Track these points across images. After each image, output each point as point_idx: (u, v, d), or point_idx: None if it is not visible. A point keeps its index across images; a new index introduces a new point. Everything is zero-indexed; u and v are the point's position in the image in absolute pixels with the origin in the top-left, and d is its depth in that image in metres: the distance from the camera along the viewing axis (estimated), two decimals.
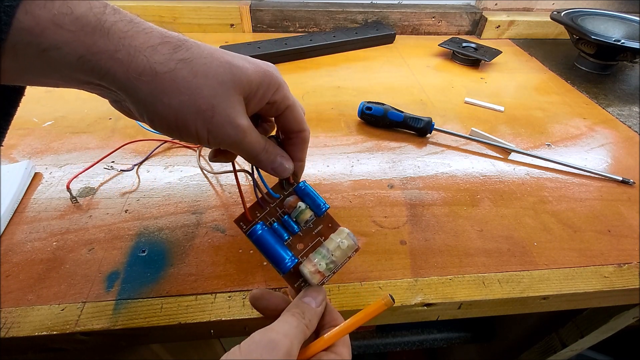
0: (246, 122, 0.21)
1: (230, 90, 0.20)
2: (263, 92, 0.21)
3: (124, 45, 0.17)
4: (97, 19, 0.17)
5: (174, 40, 0.19)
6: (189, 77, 0.19)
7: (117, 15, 0.18)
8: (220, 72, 0.19)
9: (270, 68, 0.22)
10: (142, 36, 0.18)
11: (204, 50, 0.19)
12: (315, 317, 0.22)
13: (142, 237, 0.31)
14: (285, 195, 0.26)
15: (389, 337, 0.73)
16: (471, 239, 0.33)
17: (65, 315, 0.25)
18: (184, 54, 0.19)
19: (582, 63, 0.66)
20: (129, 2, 0.65)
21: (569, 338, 0.51)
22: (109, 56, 0.17)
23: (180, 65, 0.19)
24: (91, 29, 0.16)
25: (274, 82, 0.22)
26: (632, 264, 0.32)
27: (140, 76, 0.18)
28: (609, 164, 0.44)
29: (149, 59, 0.18)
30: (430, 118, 0.45)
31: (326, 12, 0.70)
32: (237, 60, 0.20)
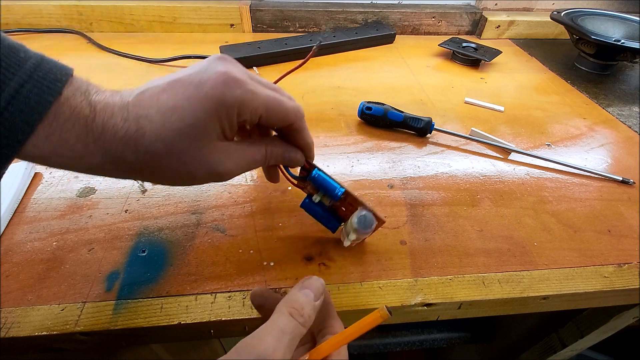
0: (227, 166, 0.22)
1: (194, 143, 0.20)
2: (227, 121, 0.21)
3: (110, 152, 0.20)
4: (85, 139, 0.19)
5: (131, 130, 0.19)
6: (153, 159, 0.20)
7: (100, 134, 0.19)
8: (176, 139, 0.20)
9: (217, 92, 0.20)
10: (110, 136, 0.19)
11: (154, 118, 0.19)
12: (314, 313, 0.21)
13: (142, 237, 0.31)
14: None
15: (389, 337, 0.73)
16: (471, 239, 0.33)
17: (65, 315, 0.25)
18: (138, 141, 0.19)
19: (582, 63, 0.66)
20: (129, 2, 0.65)
21: (569, 338, 0.51)
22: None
23: (142, 155, 0.20)
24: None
25: (230, 106, 0.20)
26: (632, 264, 0.32)
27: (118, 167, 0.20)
28: (609, 164, 0.44)
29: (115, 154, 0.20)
30: (430, 118, 0.45)
31: (326, 12, 0.70)
32: (184, 111, 0.20)
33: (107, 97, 0.20)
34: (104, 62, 0.58)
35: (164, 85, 0.20)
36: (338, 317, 0.24)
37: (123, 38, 0.65)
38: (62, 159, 0.19)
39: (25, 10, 0.64)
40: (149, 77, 0.55)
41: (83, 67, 0.56)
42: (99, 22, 0.66)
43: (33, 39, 0.63)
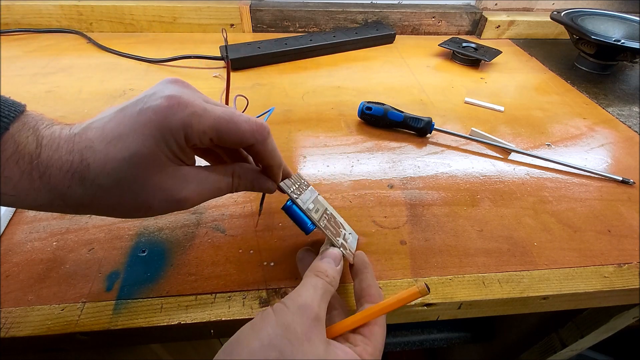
0: (185, 193, 0.21)
1: (143, 171, 0.20)
2: (176, 145, 0.20)
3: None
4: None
5: (75, 162, 0.19)
6: (102, 191, 0.19)
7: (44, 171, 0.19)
8: (123, 168, 0.19)
9: (159, 117, 0.19)
10: (56, 173, 0.19)
11: (98, 148, 0.19)
12: (337, 275, 0.24)
13: (142, 237, 0.31)
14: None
15: (389, 337, 0.73)
16: (471, 239, 0.33)
17: (65, 315, 0.25)
18: (84, 174, 0.19)
19: (582, 63, 0.66)
20: (129, 2, 0.65)
21: (569, 338, 0.51)
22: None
23: (90, 189, 0.19)
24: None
25: (175, 129, 0.19)
26: (632, 264, 0.32)
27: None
28: (609, 164, 0.44)
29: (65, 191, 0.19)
30: (430, 118, 0.45)
31: (326, 12, 0.70)
32: (128, 138, 0.19)
33: (55, 131, 0.19)
34: (104, 62, 0.58)
35: (111, 114, 0.20)
36: (377, 285, 0.26)
37: (123, 38, 0.65)
38: (9, 198, 0.18)
39: (25, 10, 0.64)
40: (149, 77, 0.55)
41: (83, 67, 0.56)
42: (99, 22, 0.66)
43: (33, 39, 0.63)
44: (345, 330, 0.23)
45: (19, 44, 0.62)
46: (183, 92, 0.20)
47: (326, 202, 0.31)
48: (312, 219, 0.26)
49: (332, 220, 0.29)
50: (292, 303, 0.21)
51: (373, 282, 0.26)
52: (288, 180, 0.27)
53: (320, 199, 0.30)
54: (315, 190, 0.31)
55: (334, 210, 0.31)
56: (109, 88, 0.51)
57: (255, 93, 0.52)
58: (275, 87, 0.54)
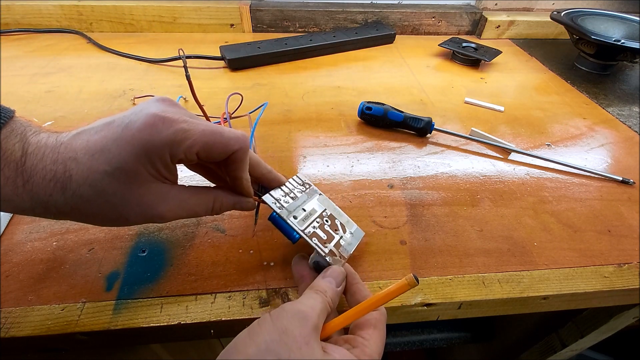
0: (162, 210, 0.22)
1: (123, 186, 0.20)
2: (160, 163, 0.21)
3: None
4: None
5: (59, 172, 0.19)
6: (82, 202, 0.20)
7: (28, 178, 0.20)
8: (104, 181, 0.20)
9: (144, 135, 0.20)
10: (39, 182, 0.20)
11: (82, 160, 0.20)
12: (337, 297, 0.24)
13: (142, 237, 0.31)
14: None
15: (389, 337, 0.73)
16: (471, 239, 0.33)
17: (65, 315, 0.25)
18: (65, 184, 0.20)
19: (582, 63, 0.66)
20: (129, 2, 0.65)
21: (569, 338, 0.51)
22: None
23: (70, 199, 0.20)
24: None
25: (160, 147, 0.20)
26: (632, 264, 0.32)
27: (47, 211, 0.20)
28: (609, 164, 0.44)
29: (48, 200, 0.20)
30: (430, 118, 0.45)
31: (326, 12, 0.70)
32: (110, 153, 0.20)
33: (41, 139, 0.20)
34: (104, 62, 0.58)
35: (98, 127, 0.20)
36: (366, 287, 0.26)
37: (123, 38, 0.65)
38: None
39: (25, 10, 0.64)
40: (148, 77, 0.55)
41: (83, 67, 0.56)
42: (99, 22, 0.66)
43: (33, 39, 0.63)
44: (339, 327, 0.23)
45: (19, 44, 0.62)
46: (168, 110, 0.21)
47: (328, 202, 0.31)
48: (296, 229, 0.26)
49: (327, 223, 0.28)
50: (291, 308, 0.21)
51: (367, 292, 0.25)
52: (276, 191, 0.28)
53: (320, 200, 0.30)
54: (317, 191, 0.31)
55: (336, 209, 0.31)
56: (109, 88, 0.51)
57: (255, 93, 0.52)
58: (275, 87, 0.54)
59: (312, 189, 0.31)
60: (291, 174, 0.38)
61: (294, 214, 0.27)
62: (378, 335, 0.23)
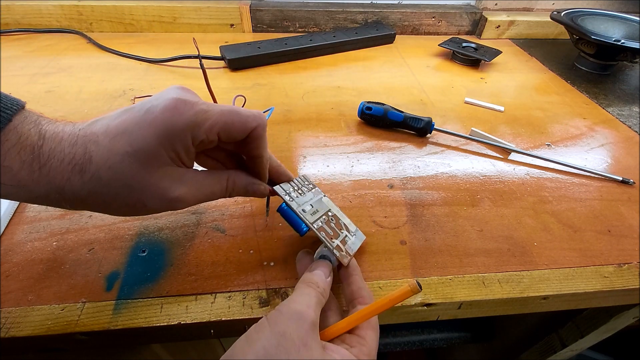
0: (180, 193, 0.22)
1: (143, 168, 0.20)
2: (181, 145, 0.21)
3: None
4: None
5: (78, 154, 0.19)
6: (101, 185, 0.20)
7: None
8: (124, 163, 0.20)
9: (166, 117, 0.20)
10: (56, 167, 0.19)
11: (102, 142, 0.20)
12: (328, 287, 0.24)
13: (142, 237, 0.31)
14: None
15: (389, 337, 0.73)
16: (471, 239, 0.33)
17: (65, 315, 0.25)
18: (85, 166, 0.19)
19: (582, 63, 0.66)
20: (129, 2, 0.65)
21: (569, 338, 0.51)
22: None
23: (88, 182, 0.20)
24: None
25: (182, 129, 0.20)
26: (632, 264, 0.32)
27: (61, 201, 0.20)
28: (609, 164, 0.44)
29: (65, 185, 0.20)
30: (430, 118, 0.45)
31: (326, 12, 0.70)
32: (132, 135, 0.20)
33: (58, 126, 0.20)
34: (104, 62, 0.58)
35: (117, 113, 0.21)
36: (367, 287, 0.26)
37: (123, 38, 0.65)
38: (5, 188, 0.19)
39: (25, 10, 0.64)
40: (149, 77, 0.55)
41: (83, 67, 0.56)
42: (99, 22, 0.66)
43: (33, 39, 0.63)
44: (342, 332, 0.23)
45: (19, 44, 0.62)
46: (187, 95, 0.21)
47: (332, 204, 0.31)
48: (306, 221, 0.26)
49: (333, 222, 0.29)
50: (287, 309, 0.21)
51: (363, 284, 0.26)
52: (285, 184, 0.28)
53: (324, 200, 0.30)
54: (320, 192, 0.31)
55: (340, 211, 0.31)
56: (109, 88, 0.51)
57: (255, 93, 0.52)
58: (275, 87, 0.54)
59: (317, 190, 0.31)
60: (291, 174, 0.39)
61: (302, 207, 0.27)
62: (374, 335, 0.23)
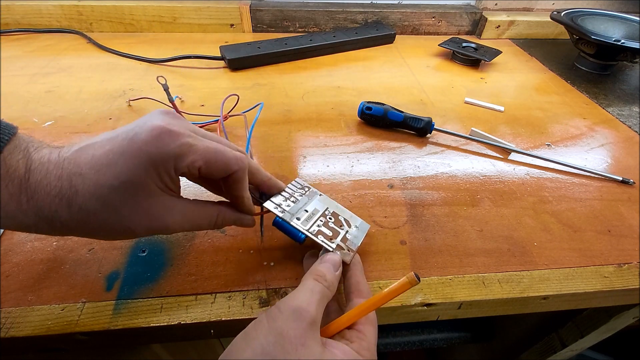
0: (167, 221, 0.22)
1: (131, 198, 0.20)
2: (166, 175, 0.21)
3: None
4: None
5: (64, 188, 0.20)
6: (89, 216, 0.20)
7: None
8: (112, 195, 0.20)
9: (150, 147, 0.20)
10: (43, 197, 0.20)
11: (88, 175, 0.20)
12: (335, 280, 0.24)
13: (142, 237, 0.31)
14: None
15: (389, 337, 0.73)
16: (471, 239, 0.33)
17: (65, 315, 0.25)
18: (71, 199, 0.20)
19: (582, 63, 0.66)
20: (129, 2, 0.65)
21: (569, 338, 0.51)
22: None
23: (76, 213, 0.20)
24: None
25: (165, 160, 0.20)
26: (632, 264, 0.32)
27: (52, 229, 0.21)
28: (609, 164, 0.44)
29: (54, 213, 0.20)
30: (430, 118, 0.45)
31: (326, 12, 0.70)
32: (117, 167, 0.20)
33: (44, 155, 0.20)
34: (104, 62, 0.58)
35: (101, 141, 0.21)
36: (366, 282, 0.26)
37: (123, 38, 0.65)
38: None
39: (25, 10, 0.64)
40: (148, 77, 0.55)
41: (83, 67, 0.56)
42: (99, 22, 0.66)
43: (33, 39, 0.63)
44: (342, 327, 0.23)
45: (19, 44, 0.62)
46: (172, 123, 0.21)
47: (330, 201, 0.31)
48: (301, 229, 0.26)
49: (331, 221, 0.29)
50: (287, 307, 0.20)
51: (362, 279, 0.26)
52: (277, 196, 0.28)
53: (321, 200, 0.30)
54: (317, 192, 0.31)
55: (339, 206, 0.31)
56: (109, 88, 0.51)
57: (255, 93, 0.52)
58: (275, 87, 0.54)
59: (312, 191, 0.31)
60: (291, 174, 0.39)
61: (296, 216, 0.27)
62: (373, 329, 0.23)
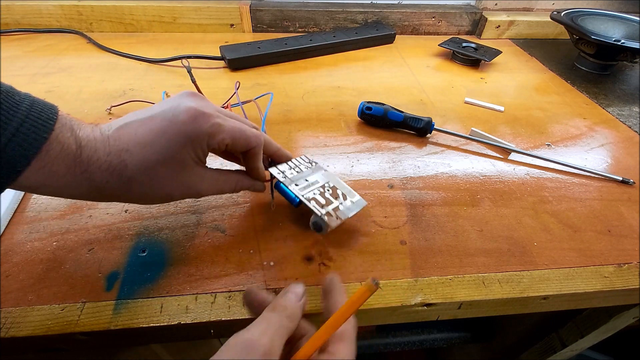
0: (200, 188, 0.27)
1: (173, 171, 0.24)
2: (200, 149, 0.25)
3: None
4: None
5: (114, 162, 0.23)
6: (136, 185, 0.24)
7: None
8: (157, 168, 0.24)
9: (188, 127, 0.24)
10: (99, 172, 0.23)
11: (134, 151, 0.23)
12: (298, 310, 0.23)
13: (142, 237, 0.31)
14: None
15: (389, 337, 0.73)
16: (471, 239, 0.33)
17: (65, 315, 0.25)
18: (122, 171, 0.23)
19: (582, 63, 0.66)
20: (129, 2, 0.65)
21: (569, 338, 0.51)
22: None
23: (125, 184, 0.23)
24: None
25: (201, 137, 0.24)
26: (632, 264, 0.32)
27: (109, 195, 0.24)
28: (609, 164, 0.44)
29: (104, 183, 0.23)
30: (430, 118, 0.45)
31: (326, 12, 0.70)
32: (161, 145, 0.23)
33: (89, 133, 0.23)
34: (104, 62, 0.58)
35: (140, 120, 0.24)
36: (342, 289, 0.25)
37: (123, 38, 0.65)
38: (51, 189, 0.22)
39: (25, 10, 0.64)
40: (149, 77, 0.55)
41: (83, 67, 0.56)
42: (99, 22, 0.66)
43: (33, 38, 0.63)
44: (310, 353, 0.21)
45: (19, 44, 0.62)
46: (203, 105, 0.25)
47: (334, 177, 0.34)
48: (296, 194, 0.30)
49: (329, 192, 0.32)
50: (236, 340, 0.20)
51: (341, 298, 0.24)
52: (282, 165, 0.32)
53: (324, 174, 0.34)
54: (322, 167, 0.35)
55: (340, 182, 0.34)
56: (109, 88, 0.51)
57: (255, 93, 0.52)
58: (275, 87, 0.54)
59: (318, 167, 0.34)
60: None
61: (295, 183, 0.31)
62: (346, 347, 0.22)
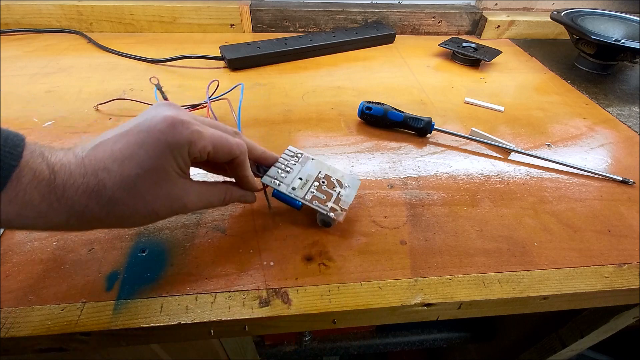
0: (185, 201, 0.25)
1: (155, 184, 0.23)
2: (181, 159, 0.23)
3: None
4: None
5: (91, 183, 0.21)
6: (118, 204, 0.22)
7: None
8: (138, 183, 0.22)
9: (167, 136, 0.22)
10: (72, 191, 0.21)
11: (112, 168, 0.22)
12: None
13: (142, 237, 0.31)
14: None
15: (389, 337, 0.73)
16: (471, 239, 0.33)
17: (65, 315, 0.25)
18: (101, 192, 0.21)
19: (582, 63, 0.66)
20: (129, 2, 0.65)
21: (569, 338, 0.51)
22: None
23: (106, 205, 0.22)
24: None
25: (181, 145, 0.23)
26: (632, 264, 0.32)
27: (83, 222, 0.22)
28: (609, 164, 0.44)
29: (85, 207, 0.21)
30: (430, 118, 0.45)
31: (326, 12, 0.70)
32: (139, 157, 0.22)
33: (61, 158, 0.21)
34: (104, 62, 0.58)
35: (115, 136, 0.22)
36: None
37: (123, 38, 0.65)
38: (28, 220, 0.20)
39: (25, 10, 0.64)
40: (148, 77, 0.55)
41: (83, 67, 0.56)
42: (99, 22, 0.66)
43: (33, 38, 0.63)
44: None
45: (19, 44, 0.62)
46: (180, 113, 0.23)
47: (322, 163, 0.34)
48: (297, 198, 0.30)
49: (324, 184, 0.32)
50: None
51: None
52: (272, 169, 0.31)
53: (313, 164, 0.33)
54: (309, 157, 0.34)
55: (330, 168, 0.34)
56: (109, 88, 0.51)
57: (255, 93, 0.52)
58: (275, 87, 0.54)
59: (305, 157, 0.34)
60: None
61: (292, 186, 0.31)
62: None
